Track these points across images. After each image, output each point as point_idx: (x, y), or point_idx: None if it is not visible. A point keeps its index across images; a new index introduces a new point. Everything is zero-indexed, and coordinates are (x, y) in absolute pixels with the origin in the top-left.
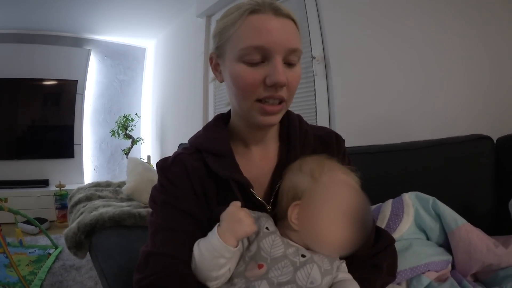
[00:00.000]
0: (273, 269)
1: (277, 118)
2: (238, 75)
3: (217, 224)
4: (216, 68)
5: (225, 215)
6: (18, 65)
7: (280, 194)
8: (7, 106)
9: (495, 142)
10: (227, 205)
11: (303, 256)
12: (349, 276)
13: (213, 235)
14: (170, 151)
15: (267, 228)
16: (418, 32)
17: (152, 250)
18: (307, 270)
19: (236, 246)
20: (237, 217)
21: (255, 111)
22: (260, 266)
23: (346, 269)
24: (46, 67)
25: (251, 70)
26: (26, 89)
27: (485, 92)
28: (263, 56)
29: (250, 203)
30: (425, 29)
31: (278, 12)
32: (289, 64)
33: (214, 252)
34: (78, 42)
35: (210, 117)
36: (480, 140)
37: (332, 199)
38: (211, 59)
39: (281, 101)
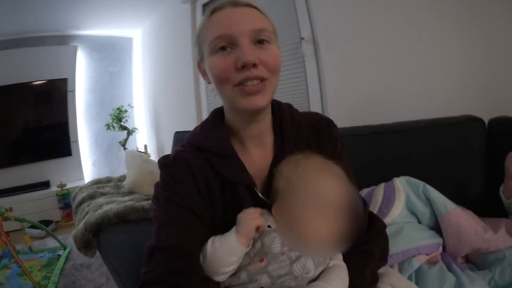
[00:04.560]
0: (273, 263)
1: (261, 99)
2: (212, 66)
3: (235, 225)
4: (204, 72)
5: (238, 218)
6: (5, 71)
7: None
8: None
9: (486, 124)
10: (234, 205)
11: None
12: (341, 262)
13: (231, 235)
14: (166, 139)
15: (269, 226)
16: (409, 11)
17: (156, 245)
18: (302, 262)
19: (248, 247)
20: (239, 219)
21: (237, 96)
22: (261, 260)
23: (340, 256)
24: (34, 70)
25: (223, 57)
26: (16, 94)
27: (478, 73)
28: (230, 43)
29: (254, 201)
30: (417, 8)
31: (236, 4)
32: (261, 43)
33: (228, 249)
34: (63, 40)
35: (203, 102)
36: (471, 121)
37: (303, 196)
38: (198, 65)
39: (261, 80)
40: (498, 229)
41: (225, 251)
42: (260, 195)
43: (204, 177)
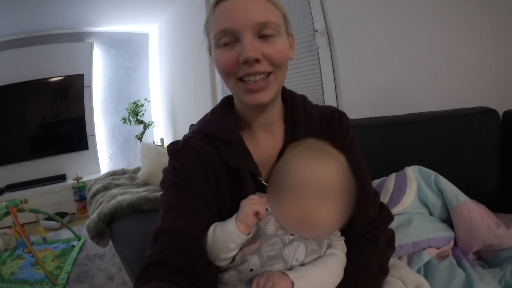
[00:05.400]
0: (265, 244)
1: (265, 95)
2: (216, 59)
3: (237, 212)
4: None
5: (240, 204)
6: (23, 69)
7: None
8: (16, 109)
9: (501, 116)
10: (240, 192)
11: (291, 234)
12: (338, 251)
13: (231, 221)
14: (182, 132)
15: (266, 209)
16: (424, 3)
17: (162, 227)
18: (294, 247)
19: (248, 234)
20: (240, 206)
21: (241, 91)
22: (255, 242)
23: (342, 246)
24: (51, 66)
25: (226, 52)
26: (33, 90)
27: (494, 65)
28: (234, 37)
29: (258, 188)
30: (432, 0)
31: None
32: (265, 38)
33: (227, 236)
34: (79, 37)
35: (218, 96)
36: (485, 113)
37: (283, 176)
38: (209, 52)
39: (267, 75)
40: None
41: (224, 238)
42: (264, 182)
43: (212, 163)
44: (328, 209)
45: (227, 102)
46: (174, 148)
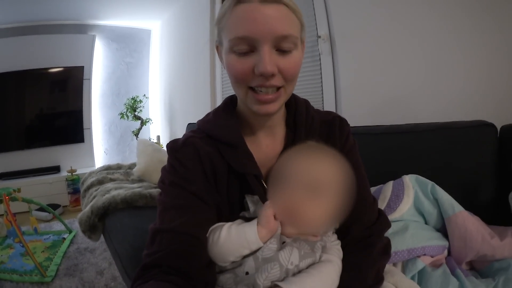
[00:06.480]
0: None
1: (274, 107)
2: (229, 65)
3: (256, 218)
4: (220, 55)
5: (260, 213)
6: (23, 57)
7: None
8: (14, 98)
9: (498, 130)
10: (241, 193)
11: (283, 242)
12: (333, 258)
13: (251, 228)
14: (179, 130)
15: None
16: (425, 13)
17: (159, 227)
18: (289, 251)
19: (265, 241)
20: (259, 213)
21: (250, 100)
22: None
23: (338, 251)
24: (52, 56)
25: (241, 60)
26: (32, 79)
27: (494, 79)
28: (251, 45)
29: (262, 189)
30: (433, 10)
31: None
32: (282, 51)
33: (244, 242)
34: (82, 29)
35: (218, 96)
36: (483, 127)
37: (281, 172)
38: (216, 47)
39: (278, 88)
40: (505, 237)
41: (240, 243)
42: (265, 184)
43: (212, 163)
44: (315, 205)
45: (230, 103)
46: (174, 147)
